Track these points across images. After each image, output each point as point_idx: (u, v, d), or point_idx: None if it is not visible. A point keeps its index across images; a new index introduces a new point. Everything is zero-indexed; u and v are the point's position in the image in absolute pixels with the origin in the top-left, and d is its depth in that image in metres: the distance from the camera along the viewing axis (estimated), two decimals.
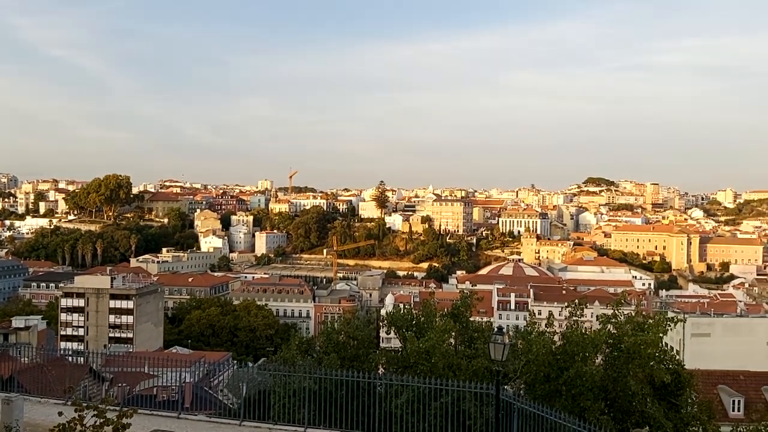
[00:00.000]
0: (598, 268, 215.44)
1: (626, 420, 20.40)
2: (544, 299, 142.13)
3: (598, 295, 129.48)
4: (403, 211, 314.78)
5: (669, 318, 24.01)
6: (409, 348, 21.21)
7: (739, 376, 43.81)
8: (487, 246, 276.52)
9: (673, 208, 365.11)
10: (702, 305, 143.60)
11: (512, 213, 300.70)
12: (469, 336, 24.45)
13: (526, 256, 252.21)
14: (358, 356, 22.67)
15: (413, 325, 23.60)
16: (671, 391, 22.38)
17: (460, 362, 20.49)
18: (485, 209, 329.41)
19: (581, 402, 19.46)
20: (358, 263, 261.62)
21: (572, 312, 23.67)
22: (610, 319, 23.14)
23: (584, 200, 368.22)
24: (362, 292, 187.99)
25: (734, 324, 79.17)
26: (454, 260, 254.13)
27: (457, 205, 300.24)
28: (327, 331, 24.03)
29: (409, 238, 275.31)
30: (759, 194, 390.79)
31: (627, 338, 21.78)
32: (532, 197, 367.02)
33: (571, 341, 21.23)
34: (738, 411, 39.38)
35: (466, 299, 25.72)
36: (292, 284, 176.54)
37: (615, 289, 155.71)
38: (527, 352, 20.80)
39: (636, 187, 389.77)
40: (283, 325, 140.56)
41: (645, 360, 21.45)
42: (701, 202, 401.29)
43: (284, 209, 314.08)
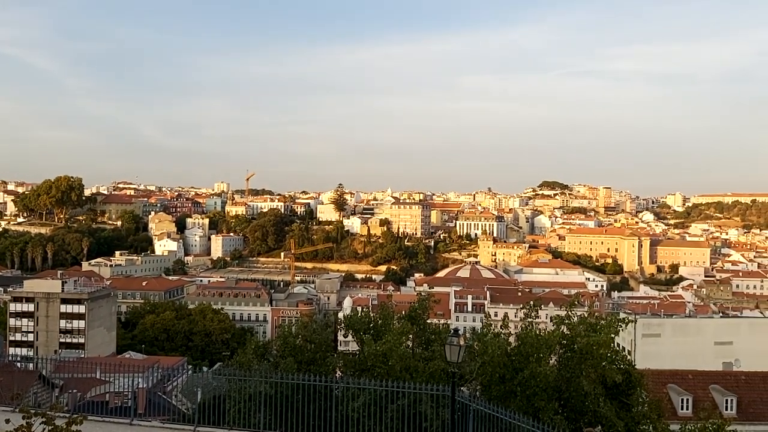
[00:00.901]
0: (553, 270, 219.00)
1: (579, 419, 20.72)
2: (501, 301, 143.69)
3: (553, 297, 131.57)
4: (361, 213, 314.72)
5: (620, 319, 24.52)
6: (367, 351, 21.21)
7: (688, 375, 44.98)
8: (445, 249, 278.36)
9: (624, 211, 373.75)
10: (652, 306, 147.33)
11: (469, 216, 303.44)
12: (427, 338, 24.57)
13: (483, 258, 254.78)
14: (315, 360, 22.57)
15: (371, 327, 23.60)
16: (622, 391, 22.83)
17: (417, 364, 20.57)
18: (443, 212, 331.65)
19: (535, 402, 19.72)
20: (316, 266, 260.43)
21: (527, 313, 23.99)
22: (563, 320, 23.50)
23: (539, 203, 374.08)
24: (320, 295, 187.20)
25: (683, 324, 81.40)
26: (412, 263, 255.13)
27: (415, 208, 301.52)
28: (284, 334, 23.86)
29: (368, 241, 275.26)
30: (707, 198, 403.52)
31: (580, 339, 22.10)
32: (489, 200, 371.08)
33: (525, 342, 21.52)
34: (686, 409, 40.41)
35: (423, 301, 25.85)
36: (248, 288, 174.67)
37: (569, 290, 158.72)
38: (483, 353, 20.99)
39: (589, 190, 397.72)
40: (239, 329, 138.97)
41: (597, 360, 21.83)
42: (652, 205, 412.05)
43: (241, 212, 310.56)
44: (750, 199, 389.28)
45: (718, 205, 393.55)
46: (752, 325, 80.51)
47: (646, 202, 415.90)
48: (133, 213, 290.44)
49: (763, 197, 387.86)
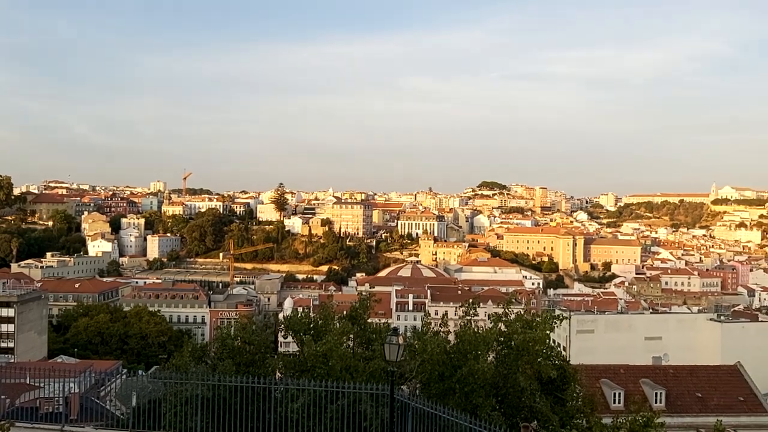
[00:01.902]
0: (492, 269, 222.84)
1: (516, 415, 21.10)
2: (441, 299, 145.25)
3: (491, 295, 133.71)
4: (302, 213, 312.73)
5: (555, 316, 25.06)
6: (307, 351, 21.09)
7: (620, 369, 46.35)
8: (387, 248, 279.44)
9: (560, 211, 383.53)
10: (586, 303, 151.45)
11: (411, 216, 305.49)
12: (367, 338, 24.58)
13: (423, 257, 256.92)
14: (254, 361, 22.30)
15: (311, 328, 23.46)
16: (557, 386, 23.34)
17: (357, 364, 20.56)
18: (385, 212, 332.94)
19: (474, 399, 20.00)
20: (256, 267, 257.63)
21: (466, 311, 24.32)
22: (501, 317, 23.91)
23: (479, 203, 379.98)
24: (260, 296, 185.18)
25: (615, 320, 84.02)
26: (353, 263, 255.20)
27: (357, 208, 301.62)
28: (222, 336, 23.47)
29: (309, 241, 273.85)
30: (637, 198, 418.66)
31: (517, 336, 22.50)
32: (429, 200, 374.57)
33: (464, 340, 21.80)
34: (618, 403, 41.65)
35: (364, 301, 25.87)
36: (186, 289, 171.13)
37: (507, 288, 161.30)
38: (422, 352, 21.18)
39: (526, 191, 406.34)
40: (176, 332, 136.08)
41: (533, 356, 22.27)
42: (586, 205, 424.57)
43: (178, 212, 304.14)
44: (678, 200, 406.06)
45: (648, 205, 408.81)
46: (680, 320, 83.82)
47: (580, 202, 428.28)
48: (65, 213, 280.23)
49: (690, 197, 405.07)
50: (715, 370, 47.87)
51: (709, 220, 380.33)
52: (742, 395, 44.81)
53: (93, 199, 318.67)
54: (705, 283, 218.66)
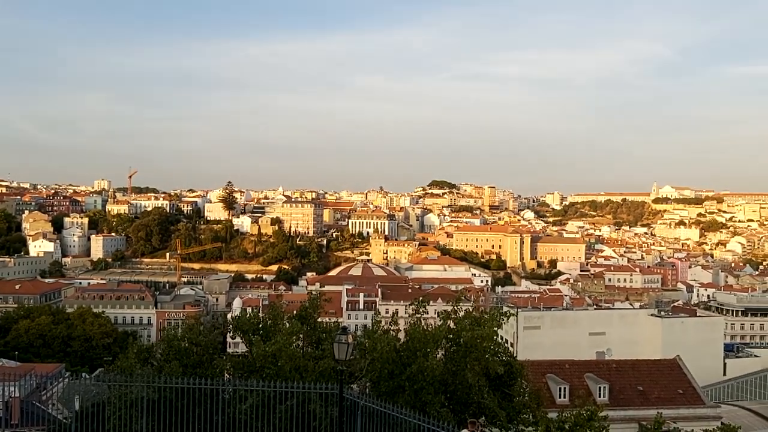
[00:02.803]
0: (442, 267, 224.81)
1: (464, 411, 21.38)
2: (392, 298, 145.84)
3: (441, 293, 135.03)
4: (252, 212, 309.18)
5: (503, 312, 25.53)
6: (255, 352, 20.93)
7: (565, 365, 47.41)
8: (338, 247, 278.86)
9: (508, 209, 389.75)
10: (533, 300, 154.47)
11: (362, 214, 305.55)
12: (317, 337, 24.53)
13: (374, 256, 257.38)
14: (201, 363, 22.01)
15: (260, 328, 23.31)
16: (505, 382, 23.78)
17: (307, 364, 20.50)
18: (336, 211, 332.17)
19: (423, 396, 20.19)
20: (203, 267, 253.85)
21: (416, 309, 24.52)
22: (450, 315, 24.20)
23: (429, 202, 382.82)
24: (208, 296, 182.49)
25: (561, 317, 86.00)
26: (304, 262, 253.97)
27: (307, 207, 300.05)
28: (168, 337, 23.10)
29: (258, 241, 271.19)
30: (582, 197, 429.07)
31: (465, 333, 22.78)
32: (380, 199, 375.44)
33: (413, 338, 21.98)
34: (564, 397, 42.60)
35: (314, 300, 25.80)
36: (131, 290, 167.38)
37: (456, 286, 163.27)
38: (372, 350, 21.28)
39: (475, 189, 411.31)
40: (122, 333, 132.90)
41: (481, 353, 22.60)
42: (532, 204, 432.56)
43: (123, 211, 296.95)
44: (621, 198, 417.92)
45: (593, 204, 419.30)
46: (622, 316, 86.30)
47: (527, 200, 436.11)
48: (5, 212, 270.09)
49: (633, 196, 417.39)
50: (655, 364, 49.43)
51: (651, 218, 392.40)
52: (681, 388, 46.42)
53: (34, 198, 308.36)
54: (646, 279, 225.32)
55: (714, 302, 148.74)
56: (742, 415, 57.22)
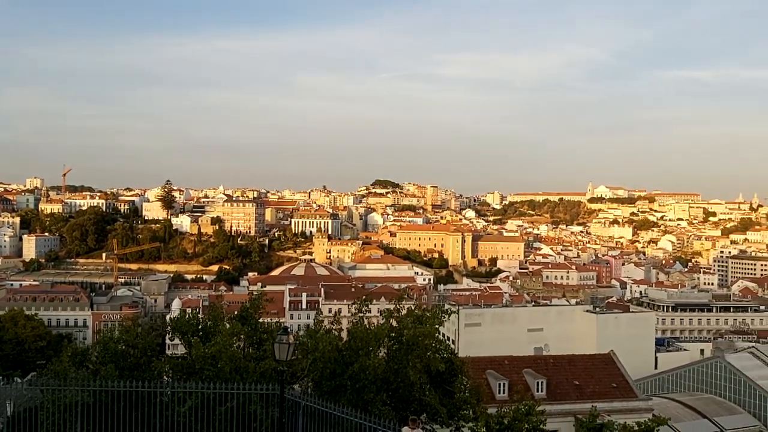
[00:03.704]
0: (385, 266, 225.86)
1: (406, 409, 21.55)
2: (335, 297, 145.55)
3: (384, 291, 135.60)
4: (191, 212, 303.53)
5: (444, 310, 25.84)
6: (195, 353, 20.60)
7: (505, 361, 48.26)
8: (280, 247, 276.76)
9: (450, 208, 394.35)
10: (474, 297, 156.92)
11: (305, 214, 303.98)
12: (259, 338, 24.29)
13: (317, 256, 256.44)
14: (139, 365, 21.52)
15: (199, 329, 22.93)
16: (446, 379, 24.07)
17: (248, 365, 20.29)
18: (278, 210, 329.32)
19: (365, 395, 20.25)
20: (141, 267, 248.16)
21: (358, 308, 24.57)
22: (392, 313, 24.34)
23: (372, 201, 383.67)
24: (146, 297, 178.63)
25: (501, 314, 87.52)
26: (245, 262, 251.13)
27: (249, 206, 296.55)
28: (104, 340, 22.50)
29: (198, 240, 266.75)
30: (521, 197, 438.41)
31: (407, 331, 22.96)
32: (324, 198, 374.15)
33: (356, 337, 22.02)
34: (503, 393, 43.39)
35: (255, 301, 25.53)
36: (66, 291, 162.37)
37: (399, 285, 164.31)
38: (314, 350, 21.23)
39: (418, 189, 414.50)
40: (56, 336, 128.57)
41: (423, 351, 22.82)
42: (474, 203, 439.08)
43: (57, 210, 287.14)
44: (558, 198, 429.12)
45: (531, 203, 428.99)
46: (559, 312, 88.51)
47: (468, 200, 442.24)
48: None
49: (569, 196, 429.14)
50: (591, 359, 50.86)
51: (586, 217, 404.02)
52: (615, 382, 47.92)
53: None
54: (582, 276, 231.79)
55: (646, 298, 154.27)
56: (672, 407, 59.63)
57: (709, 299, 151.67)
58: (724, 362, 67.94)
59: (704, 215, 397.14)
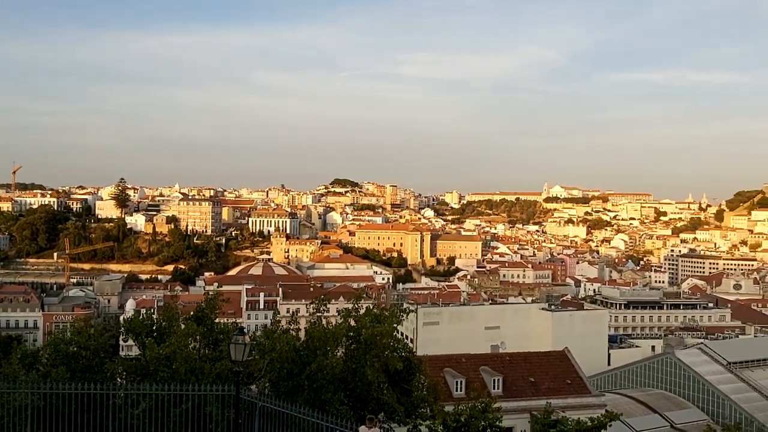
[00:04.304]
0: (344, 265, 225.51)
1: (364, 408, 21.60)
2: (293, 297, 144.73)
3: (343, 291, 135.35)
4: (146, 210, 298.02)
5: (403, 309, 25.96)
6: (149, 355, 20.30)
7: (462, 359, 48.83)
8: (237, 246, 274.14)
9: (409, 208, 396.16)
10: (432, 296, 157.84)
11: (262, 213, 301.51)
12: (215, 338, 24.06)
13: (275, 255, 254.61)
14: (91, 367, 21.09)
15: (154, 330, 22.59)
16: (404, 377, 24.19)
17: (203, 366, 20.08)
18: (235, 209, 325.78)
19: (322, 395, 20.24)
20: (95, 267, 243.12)
21: (316, 308, 24.52)
22: (350, 312, 24.37)
23: (331, 200, 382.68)
24: (99, 298, 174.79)
25: (458, 312, 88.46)
26: (202, 261, 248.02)
27: (205, 205, 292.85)
28: (55, 341, 21.98)
29: (153, 240, 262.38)
30: (479, 196, 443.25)
31: (365, 330, 22.99)
32: (282, 197, 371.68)
33: (313, 337, 21.98)
34: (460, 391, 43.88)
35: (211, 301, 25.27)
36: (15, 291, 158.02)
37: (358, 284, 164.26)
38: (271, 350, 21.11)
39: (377, 188, 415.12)
40: (5, 338, 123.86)
41: (381, 350, 22.88)
42: (432, 202, 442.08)
43: (7, 208, 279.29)
44: (515, 198, 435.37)
45: (489, 203, 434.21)
46: (516, 310, 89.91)
47: (427, 199, 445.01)
48: None
49: (525, 195, 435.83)
50: (546, 356, 51.82)
51: (542, 216, 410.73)
52: (570, 378, 48.92)
53: None
54: (538, 275, 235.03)
55: (599, 296, 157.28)
56: (624, 403, 61.14)
57: (659, 297, 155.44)
58: (674, 358, 69.93)
59: (655, 215, 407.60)
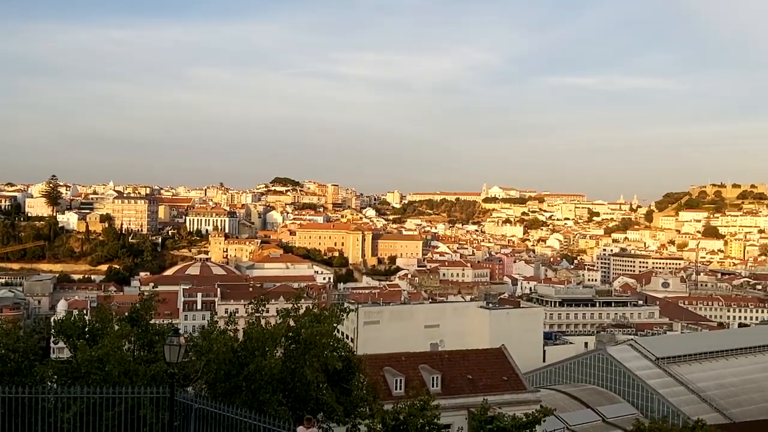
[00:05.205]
0: (284, 265, 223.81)
1: (303, 408, 21.56)
2: (232, 297, 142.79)
3: (283, 291, 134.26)
4: (79, 209, 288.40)
5: (343, 309, 25.97)
6: (80, 357, 19.74)
7: (402, 357, 49.18)
8: (174, 246, 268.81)
9: (350, 207, 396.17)
10: (373, 295, 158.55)
11: (200, 211, 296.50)
12: (150, 340, 23.59)
13: (214, 255, 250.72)
14: (20, 370, 20.35)
15: (86, 332, 21.98)
16: (343, 377, 24.26)
17: (137, 368, 19.67)
18: (172, 207, 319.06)
19: (260, 395, 20.10)
20: (24, 267, 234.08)
21: (254, 308, 24.31)
22: (289, 313, 24.27)
23: (272, 199, 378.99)
24: (29, 298, 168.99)
25: (399, 311, 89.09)
26: (137, 261, 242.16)
27: (141, 203, 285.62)
28: None
29: (87, 239, 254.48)
30: (420, 196, 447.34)
31: (305, 330, 22.95)
32: (221, 196, 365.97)
33: (251, 337, 21.80)
34: (400, 389, 44.18)
35: (146, 301, 24.78)
36: None
37: (299, 284, 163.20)
38: (208, 351, 20.84)
39: (319, 187, 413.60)
40: None
41: (320, 349, 22.87)
42: (374, 202, 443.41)
43: None
44: (455, 198, 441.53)
45: (430, 203, 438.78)
46: (455, 309, 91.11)
47: (369, 199, 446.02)
48: None
49: (465, 196, 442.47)
50: (483, 353, 52.72)
51: (481, 216, 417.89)
52: (506, 375, 49.91)
53: None
54: (476, 274, 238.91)
55: (535, 294, 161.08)
56: (558, 398, 62.85)
57: (592, 295, 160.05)
58: (605, 354, 72.27)
59: (589, 215, 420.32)
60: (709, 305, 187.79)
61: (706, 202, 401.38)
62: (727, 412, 64.77)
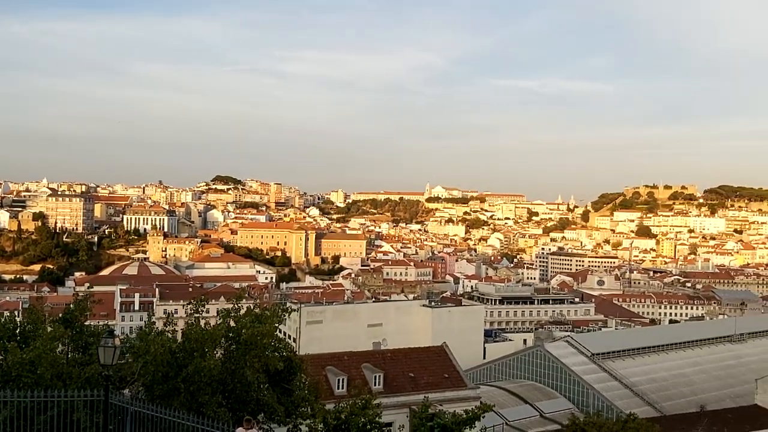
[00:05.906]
0: (225, 265, 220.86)
1: (243, 409, 21.37)
2: (171, 298, 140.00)
3: (224, 291, 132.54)
4: (10, 206, 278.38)
5: (285, 309, 25.80)
6: (11, 360, 19.08)
7: (344, 356, 49.19)
8: (111, 245, 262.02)
9: (294, 206, 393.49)
10: (317, 295, 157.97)
11: (138, 210, 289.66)
12: (84, 342, 22.96)
13: (152, 254, 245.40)
14: None
15: (17, 334, 21.25)
16: (284, 377, 24.14)
17: (71, 370, 19.13)
18: (109, 206, 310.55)
19: (200, 397, 19.82)
20: None
21: (194, 308, 23.93)
22: (230, 313, 23.99)
23: (212, 198, 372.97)
24: None
25: (342, 310, 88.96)
26: (72, 261, 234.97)
27: (76, 201, 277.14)
28: None
29: (18, 237, 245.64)
30: (364, 195, 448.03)
31: (245, 331, 22.73)
32: (159, 194, 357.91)
33: (190, 338, 21.46)
34: (342, 388, 44.19)
35: (81, 302, 24.11)
36: None
37: (240, 284, 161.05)
38: (145, 353, 20.44)
39: (261, 186, 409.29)
40: None
41: (261, 350, 22.68)
42: (318, 201, 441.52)
43: None
44: (398, 197, 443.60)
45: (374, 202, 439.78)
46: (398, 307, 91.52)
47: (313, 198, 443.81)
48: None
49: (409, 195, 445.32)
50: (425, 351, 53.25)
51: (424, 216, 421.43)
52: (447, 372, 50.56)
53: None
54: (420, 272, 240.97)
55: (476, 292, 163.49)
56: (498, 394, 64.07)
57: (531, 293, 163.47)
58: (543, 351, 73.97)
59: (528, 215, 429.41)
60: (641, 302, 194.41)
61: (640, 203, 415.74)
62: (658, 405, 67.14)
